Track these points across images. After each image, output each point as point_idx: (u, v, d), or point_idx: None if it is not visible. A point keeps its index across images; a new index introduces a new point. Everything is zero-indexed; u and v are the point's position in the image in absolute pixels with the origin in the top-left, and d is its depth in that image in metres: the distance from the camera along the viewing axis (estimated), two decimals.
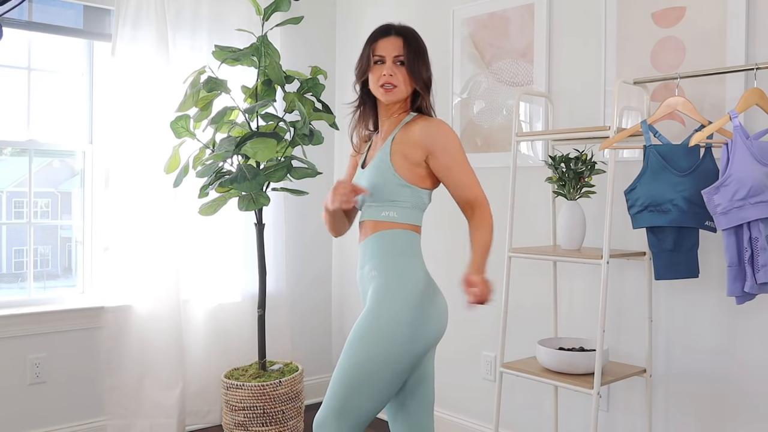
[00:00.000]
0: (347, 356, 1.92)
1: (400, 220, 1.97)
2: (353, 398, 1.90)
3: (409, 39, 2.01)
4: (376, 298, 1.94)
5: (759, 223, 2.09)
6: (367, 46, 2.03)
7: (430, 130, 1.96)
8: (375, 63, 2.00)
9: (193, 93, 3.10)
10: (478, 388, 3.28)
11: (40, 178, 3.41)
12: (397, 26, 2.04)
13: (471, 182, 1.96)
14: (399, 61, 1.99)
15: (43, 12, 3.26)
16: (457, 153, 1.96)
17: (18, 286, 3.34)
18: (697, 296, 2.51)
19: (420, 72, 2.00)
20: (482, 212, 1.94)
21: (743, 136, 2.10)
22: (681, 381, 2.57)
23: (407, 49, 1.99)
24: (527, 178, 3.02)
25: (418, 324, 1.91)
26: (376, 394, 1.91)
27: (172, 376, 3.39)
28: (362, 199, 2.04)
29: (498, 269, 3.11)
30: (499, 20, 3.16)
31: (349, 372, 1.90)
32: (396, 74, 1.98)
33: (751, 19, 2.36)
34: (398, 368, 1.90)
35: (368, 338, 1.90)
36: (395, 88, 1.98)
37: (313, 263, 4.07)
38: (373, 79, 2.00)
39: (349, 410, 1.90)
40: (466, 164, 1.97)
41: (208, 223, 3.48)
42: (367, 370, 1.89)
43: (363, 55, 2.04)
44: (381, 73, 1.98)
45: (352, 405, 1.90)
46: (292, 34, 3.86)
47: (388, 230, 1.98)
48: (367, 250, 2.01)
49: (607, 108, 2.74)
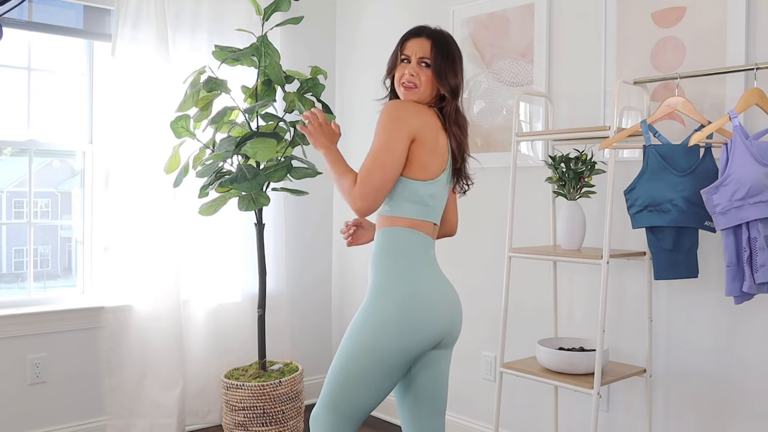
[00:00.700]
0: (340, 351, 1.95)
1: (393, 213, 1.97)
2: (345, 393, 1.92)
3: (438, 43, 2.01)
4: (368, 295, 1.96)
5: (758, 223, 2.09)
6: (399, 44, 2.06)
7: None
8: (402, 61, 2.03)
9: (193, 93, 3.10)
10: (478, 388, 3.28)
11: (40, 178, 3.41)
12: (432, 29, 2.04)
13: (365, 163, 1.91)
14: (424, 63, 1.99)
15: (43, 12, 3.26)
16: (377, 132, 1.92)
17: (18, 286, 3.34)
18: (696, 296, 2.51)
19: (447, 77, 1.99)
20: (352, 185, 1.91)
21: (743, 136, 2.10)
22: (681, 381, 2.57)
23: (434, 52, 1.99)
24: (527, 178, 3.02)
25: (407, 323, 1.89)
26: (368, 390, 1.92)
27: (172, 376, 3.39)
28: None
29: (498, 269, 3.11)
30: (499, 20, 3.16)
31: (341, 367, 1.93)
32: (418, 75, 1.99)
33: (751, 19, 2.36)
34: (388, 365, 1.90)
35: (358, 334, 1.92)
36: (415, 88, 1.99)
37: (313, 263, 4.07)
38: (397, 77, 2.03)
39: (342, 405, 1.92)
40: (376, 145, 1.91)
41: (208, 223, 3.48)
42: (358, 365, 1.90)
43: (394, 52, 2.06)
44: (404, 71, 2.00)
45: (344, 399, 1.92)
46: (292, 34, 3.86)
47: (387, 228, 1.98)
48: (372, 251, 2.03)
49: (607, 108, 2.74)
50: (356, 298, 3.96)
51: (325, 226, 4.11)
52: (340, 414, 1.93)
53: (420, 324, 1.90)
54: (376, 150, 1.90)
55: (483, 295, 3.21)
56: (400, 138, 1.90)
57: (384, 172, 1.89)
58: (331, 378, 1.95)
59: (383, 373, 1.91)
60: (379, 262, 1.96)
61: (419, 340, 1.91)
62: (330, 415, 1.94)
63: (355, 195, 1.90)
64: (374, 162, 1.89)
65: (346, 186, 1.93)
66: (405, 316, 1.90)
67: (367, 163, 1.91)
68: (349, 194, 1.92)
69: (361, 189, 1.89)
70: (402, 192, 1.96)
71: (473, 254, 3.29)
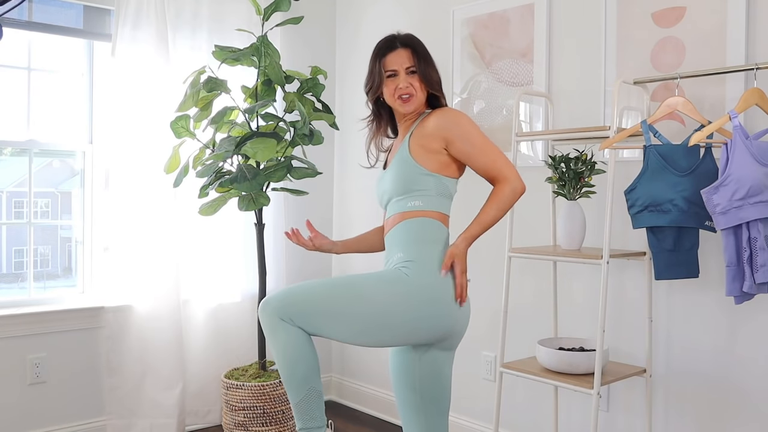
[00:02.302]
0: (362, 277, 1.93)
1: (427, 207, 1.99)
2: (327, 303, 1.87)
3: (416, 48, 2.06)
4: (399, 262, 1.95)
5: (758, 223, 2.09)
6: (375, 62, 2.07)
7: (443, 119, 2.00)
8: (388, 77, 2.05)
9: (193, 93, 3.10)
10: (478, 388, 3.28)
11: (40, 178, 3.41)
12: (400, 36, 2.08)
13: (492, 160, 1.97)
14: (410, 71, 2.04)
15: (43, 12, 3.26)
16: (472, 136, 1.98)
17: (18, 286, 3.34)
18: (697, 296, 2.51)
19: (431, 76, 2.06)
20: (501, 186, 1.96)
21: (743, 136, 2.10)
22: (681, 381, 2.57)
23: (417, 57, 2.04)
24: (527, 178, 3.00)
25: (432, 305, 1.90)
26: (346, 322, 1.87)
27: (172, 376, 3.39)
28: (387, 197, 2.06)
29: (498, 269, 3.11)
30: (499, 20, 3.16)
31: (346, 287, 1.90)
32: (411, 84, 2.03)
33: (751, 19, 2.36)
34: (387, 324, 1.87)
35: (382, 285, 1.90)
36: (412, 97, 2.04)
37: (313, 263, 4.07)
38: (389, 93, 2.06)
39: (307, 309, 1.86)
40: (484, 145, 1.98)
41: (208, 223, 3.48)
42: (362, 303, 1.87)
43: (373, 71, 2.07)
44: (396, 86, 2.03)
45: (319, 307, 1.87)
46: (292, 34, 3.86)
47: (416, 218, 1.99)
48: (395, 239, 2.01)
49: (607, 108, 2.74)
50: None
51: (325, 226, 4.11)
52: (296, 310, 1.86)
53: (441, 311, 1.92)
54: (486, 148, 1.98)
55: (483, 295, 3.21)
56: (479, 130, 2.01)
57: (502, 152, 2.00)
58: (324, 286, 1.91)
59: (373, 326, 1.88)
60: (413, 245, 1.96)
61: (433, 326, 1.92)
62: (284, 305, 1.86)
63: (515, 181, 1.96)
64: (492, 152, 1.97)
65: (505, 194, 1.96)
66: (433, 298, 1.91)
67: (492, 158, 1.97)
68: (513, 190, 1.96)
69: (512, 170, 1.96)
70: (437, 188, 2.00)
71: (473, 254, 3.28)
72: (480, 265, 3.24)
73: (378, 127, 2.19)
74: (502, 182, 1.97)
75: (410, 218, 1.99)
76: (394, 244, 2.02)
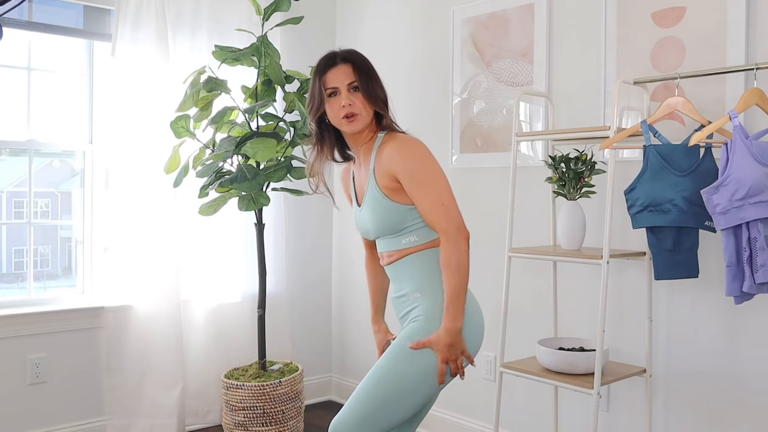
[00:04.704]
0: (391, 364, 1.88)
1: (423, 240, 1.95)
2: (384, 408, 1.86)
3: (357, 63, 1.95)
4: (427, 317, 1.92)
5: (758, 223, 2.09)
6: (315, 80, 1.95)
7: (392, 155, 1.89)
8: (329, 96, 1.93)
9: (193, 93, 3.10)
10: (478, 388, 3.28)
11: (40, 178, 3.41)
12: (341, 52, 1.97)
13: (429, 206, 1.87)
14: (353, 88, 1.92)
15: (43, 12, 3.26)
16: (418, 174, 1.87)
17: (18, 286, 3.34)
18: (697, 296, 2.51)
19: (376, 93, 1.94)
20: (443, 249, 1.87)
21: (743, 136, 2.10)
22: (681, 381, 2.57)
23: (358, 73, 1.93)
24: (527, 178, 3.02)
25: (469, 343, 1.94)
26: (406, 408, 1.89)
27: (172, 376, 3.39)
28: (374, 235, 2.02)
29: (498, 269, 3.11)
30: (499, 20, 3.16)
31: (390, 381, 1.87)
32: (354, 102, 1.91)
33: (751, 19, 2.36)
34: (436, 382, 1.90)
35: (420, 352, 1.88)
36: (357, 116, 1.92)
37: (313, 263, 4.07)
38: (333, 113, 1.94)
39: (375, 420, 1.86)
40: (428, 185, 1.87)
41: (208, 223, 3.48)
42: (412, 381, 1.87)
43: (314, 90, 1.96)
44: (339, 105, 1.92)
45: (380, 415, 1.86)
46: (292, 34, 3.86)
47: (416, 253, 1.95)
48: (403, 274, 1.98)
49: (607, 108, 2.74)
50: (356, 298, 3.96)
51: (325, 226, 4.11)
52: (368, 429, 1.86)
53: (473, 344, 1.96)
54: (430, 189, 1.87)
55: (483, 295, 3.20)
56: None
57: (455, 202, 1.90)
58: (372, 389, 1.87)
59: (429, 390, 1.91)
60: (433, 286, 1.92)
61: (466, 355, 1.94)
62: (357, 429, 1.86)
63: (453, 233, 1.86)
64: (436, 196, 1.87)
65: (451, 259, 1.85)
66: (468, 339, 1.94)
67: (434, 204, 1.86)
68: (457, 248, 1.85)
69: (450, 221, 1.86)
70: (419, 219, 1.93)
71: (473, 254, 3.28)
72: (480, 265, 3.24)
73: (322, 150, 2.04)
74: (443, 241, 1.87)
75: (411, 254, 1.95)
76: (404, 278, 1.98)
